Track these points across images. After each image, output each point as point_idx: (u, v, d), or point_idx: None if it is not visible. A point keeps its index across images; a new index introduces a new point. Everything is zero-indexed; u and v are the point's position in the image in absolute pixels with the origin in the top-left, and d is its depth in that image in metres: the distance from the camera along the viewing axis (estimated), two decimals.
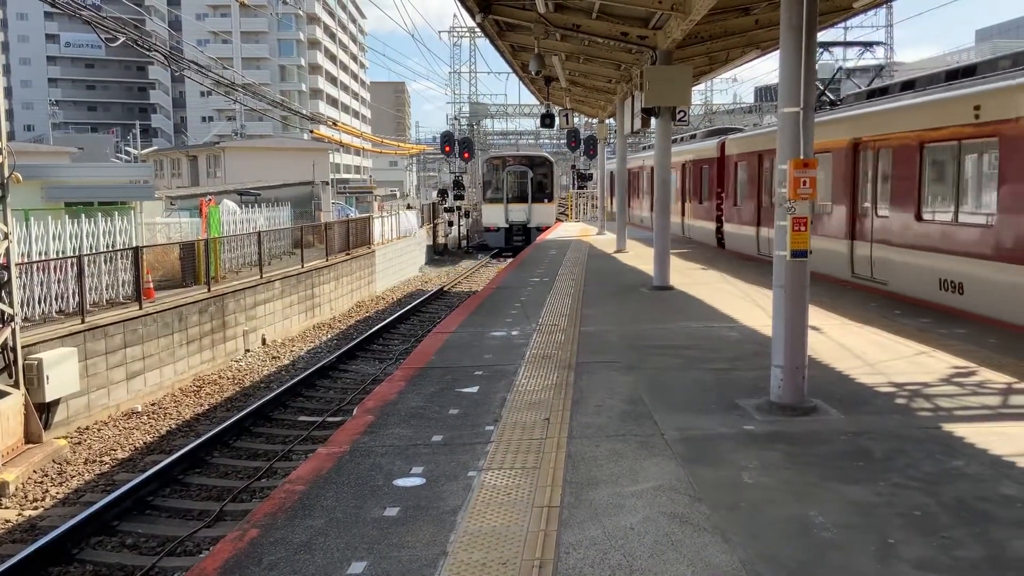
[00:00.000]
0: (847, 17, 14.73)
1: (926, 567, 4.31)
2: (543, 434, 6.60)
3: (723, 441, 6.36)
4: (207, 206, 21.88)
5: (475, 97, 70.20)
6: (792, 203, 6.77)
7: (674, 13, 12.95)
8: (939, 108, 12.53)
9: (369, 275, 29.49)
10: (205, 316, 17.45)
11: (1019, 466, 5.71)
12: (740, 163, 21.93)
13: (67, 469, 11.60)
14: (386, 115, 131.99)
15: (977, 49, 63.99)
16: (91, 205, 18.80)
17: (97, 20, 17.48)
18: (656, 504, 5.17)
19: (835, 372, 8.52)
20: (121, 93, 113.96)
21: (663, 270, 15.28)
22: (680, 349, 9.87)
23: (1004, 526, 4.77)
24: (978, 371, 8.41)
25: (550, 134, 68.61)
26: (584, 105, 30.86)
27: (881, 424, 6.71)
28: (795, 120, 6.84)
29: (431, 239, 43.79)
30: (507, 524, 4.91)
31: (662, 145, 15.41)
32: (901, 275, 13.48)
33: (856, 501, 5.17)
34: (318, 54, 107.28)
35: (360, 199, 53.57)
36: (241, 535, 4.84)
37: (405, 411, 7.38)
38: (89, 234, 17.21)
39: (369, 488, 5.55)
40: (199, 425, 13.84)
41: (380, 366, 17.66)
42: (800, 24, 6.81)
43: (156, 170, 55.67)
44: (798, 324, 7.02)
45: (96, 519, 9.31)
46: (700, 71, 19.22)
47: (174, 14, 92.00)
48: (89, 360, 13.70)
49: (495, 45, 18.90)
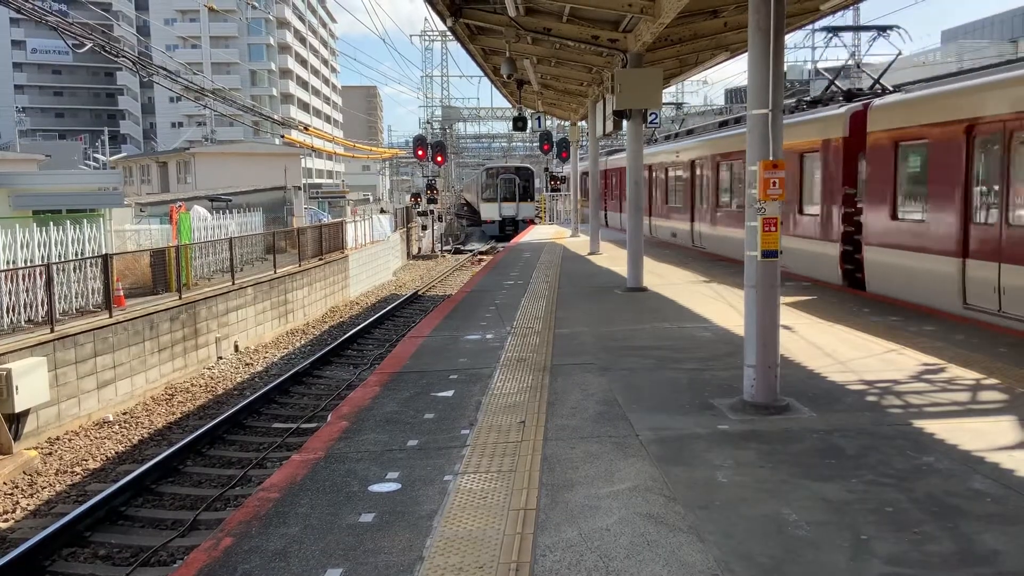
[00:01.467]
0: (815, 19, 14.87)
1: (898, 562, 4.36)
2: (519, 437, 6.60)
3: (697, 441, 6.40)
4: (177, 213, 21.68)
5: (447, 101, 70.26)
6: (762, 203, 6.83)
7: (644, 16, 13.02)
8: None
9: (343, 280, 29.36)
10: (176, 323, 17.29)
11: (988, 461, 5.80)
12: (912, 144, 12.64)
13: (38, 480, 11.45)
14: (358, 119, 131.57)
15: (943, 50, 64.85)
16: (59, 213, 18.59)
17: (64, 26, 17.31)
18: (631, 505, 5.19)
19: (807, 370, 8.59)
20: (89, 99, 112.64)
21: (637, 272, 15.35)
22: (654, 350, 9.91)
23: (974, 520, 4.84)
24: (947, 368, 8.52)
25: (523, 137, 68.90)
26: (556, 108, 30.93)
27: (853, 421, 6.78)
28: (764, 122, 6.91)
29: (405, 243, 43.72)
30: (483, 528, 4.91)
31: (634, 147, 15.49)
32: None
33: (829, 498, 5.22)
34: (289, 58, 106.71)
35: (333, 204, 53.36)
36: (215, 544, 4.80)
37: (380, 416, 7.36)
38: (58, 242, 17.00)
39: (344, 494, 5.52)
40: (171, 434, 13.70)
41: (355, 371, 17.58)
42: (768, 26, 6.88)
43: (125, 177, 55.21)
44: (770, 323, 7.08)
45: (68, 530, 9.19)
46: (671, 73, 19.34)
47: (142, 19, 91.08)
48: (59, 370, 13.53)
49: (466, 49, 18.90)
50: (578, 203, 33.63)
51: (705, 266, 18.76)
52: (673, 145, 26.54)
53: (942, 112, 11.73)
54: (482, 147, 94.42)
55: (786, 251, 15.60)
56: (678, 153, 25.34)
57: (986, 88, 11.08)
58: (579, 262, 21.33)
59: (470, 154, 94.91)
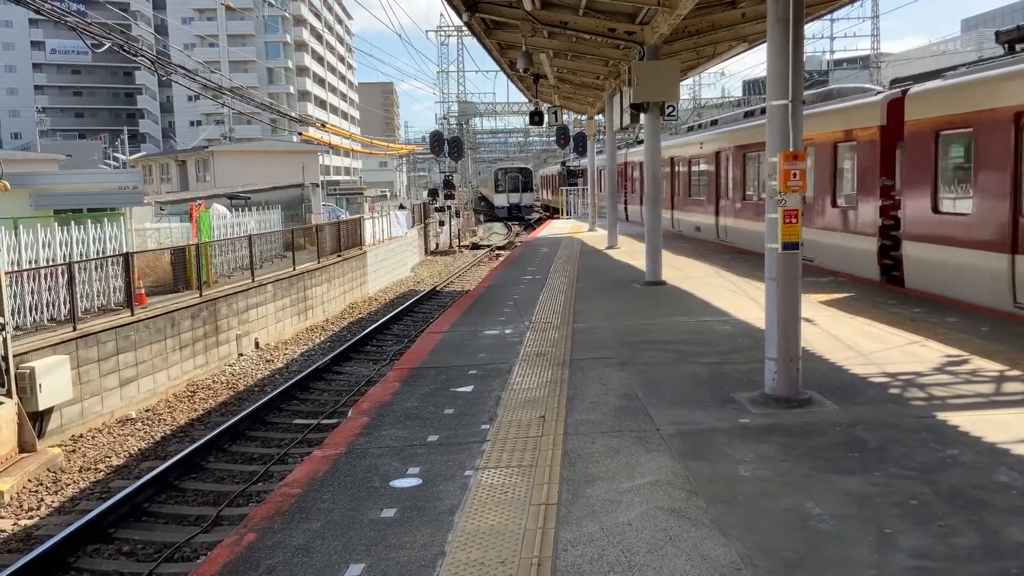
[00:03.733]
0: (834, 8, 14.76)
1: (923, 556, 4.32)
2: (539, 432, 6.60)
3: (718, 435, 6.37)
4: (197, 211, 21.82)
5: (464, 96, 70.34)
6: (783, 195, 6.78)
7: (661, 8, 12.96)
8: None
9: (361, 276, 29.44)
10: (198, 321, 17.40)
11: (1013, 453, 5.74)
12: (954, 132, 11.93)
13: (62, 477, 11.56)
14: (375, 116, 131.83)
15: (963, 39, 64.35)
16: (80, 212, 18.72)
17: (83, 26, 17.42)
18: (653, 499, 5.17)
19: (828, 363, 8.53)
20: (108, 99, 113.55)
21: (655, 265, 15.30)
22: (673, 344, 9.87)
23: (999, 513, 4.79)
24: (970, 359, 8.44)
25: (540, 131, 69.29)
26: (573, 102, 30.86)
27: (875, 414, 6.73)
28: (784, 113, 6.86)
29: (423, 239, 43.77)
30: (504, 523, 4.91)
31: (651, 141, 15.43)
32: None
33: (852, 492, 5.18)
34: (305, 56, 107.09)
35: (351, 200, 53.53)
36: (238, 539, 4.82)
37: (400, 412, 7.37)
38: (79, 241, 17.14)
39: (366, 490, 5.54)
40: (194, 430, 13.80)
41: (374, 367, 17.63)
42: (787, 16, 6.82)
43: (145, 176, 55.58)
44: (791, 316, 7.03)
45: (92, 527, 9.28)
46: (688, 66, 19.26)
47: (160, 18, 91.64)
48: (82, 367, 13.65)
49: (482, 44, 18.88)
50: (595, 197, 33.52)
51: (726, 260, 18.66)
52: (697, 136, 26.07)
53: (987, 98, 11.07)
54: (499, 142, 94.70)
55: (821, 246, 16.11)
56: (702, 144, 24.81)
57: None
58: (597, 256, 21.28)
59: (487, 149, 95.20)
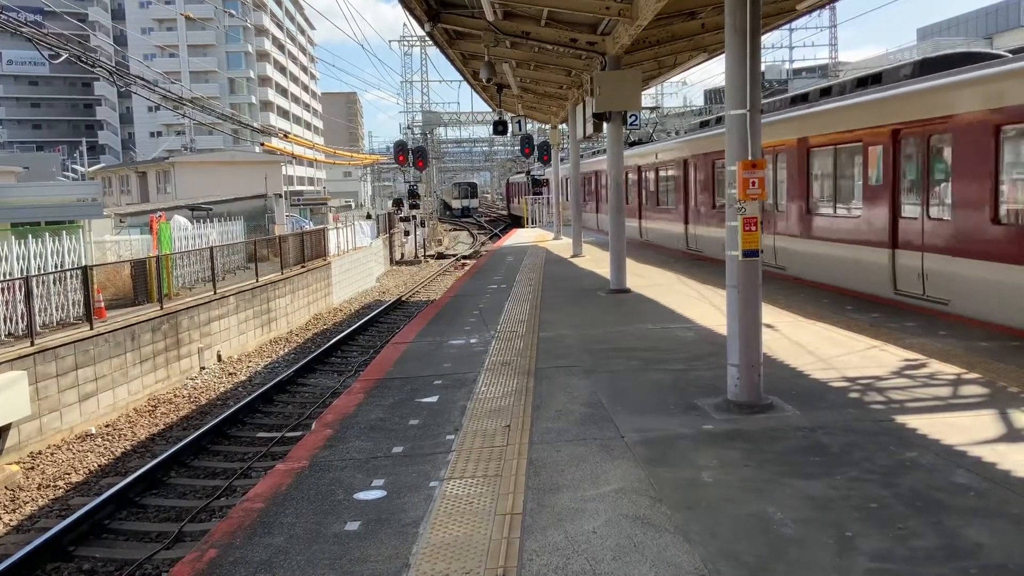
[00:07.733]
0: (791, 19, 14.96)
1: (883, 558, 4.38)
2: (504, 441, 6.59)
3: (682, 441, 6.41)
4: (157, 223, 21.56)
5: (428, 106, 70.18)
6: (742, 203, 6.86)
7: (621, 19, 13.05)
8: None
9: (326, 287, 29.25)
10: (158, 334, 17.17)
11: (970, 455, 5.83)
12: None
13: (20, 495, 11.34)
14: (339, 126, 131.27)
15: (919, 47, 65.53)
16: (38, 225, 18.42)
17: (39, 37, 17.18)
18: (618, 507, 5.19)
19: (790, 369, 8.62)
20: (67, 110, 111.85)
21: (620, 273, 15.37)
22: (638, 351, 9.92)
23: (958, 515, 4.87)
24: (928, 363, 8.58)
25: (504, 141, 69.36)
26: (537, 111, 30.95)
27: (836, 419, 6.81)
28: (743, 122, 6.94)
29: (388, 249, 43.60)
30: (470, 533, 4.90)
31: (614, 149, 15.52)
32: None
33: (814, 496, 5.24)
34: (268, 66, 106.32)
35: (315, 211, 53.13)
36: (199, 556, 4.76)
37: (365, 423, 7.33)
38: (37, 255, 16.86)
39: (329, 503, 5.49)
40: (155, 445, 13.60)
41: (339, 379, 17.51)
42: (744, 27, 6.91)
43: (104, 187, 54.77)
44: (752, 323, 7.10)
45: (52, 545, 9.11)
46: (650, 75, 19.39)
47: (119, 29, 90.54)
48: (40, 383, 13.41)
49: (445, 54, 18.89)
50: (559, 206, 33.58)
51: (689, 267, 18.80)
52: (666, 144, 26.02)
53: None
54: (464, 151, 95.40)
55: (837, 260, 14.06)
56: (670, 152, 24.70)
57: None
58: (562, 265, 21.34)
59: (451, 159, 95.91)
